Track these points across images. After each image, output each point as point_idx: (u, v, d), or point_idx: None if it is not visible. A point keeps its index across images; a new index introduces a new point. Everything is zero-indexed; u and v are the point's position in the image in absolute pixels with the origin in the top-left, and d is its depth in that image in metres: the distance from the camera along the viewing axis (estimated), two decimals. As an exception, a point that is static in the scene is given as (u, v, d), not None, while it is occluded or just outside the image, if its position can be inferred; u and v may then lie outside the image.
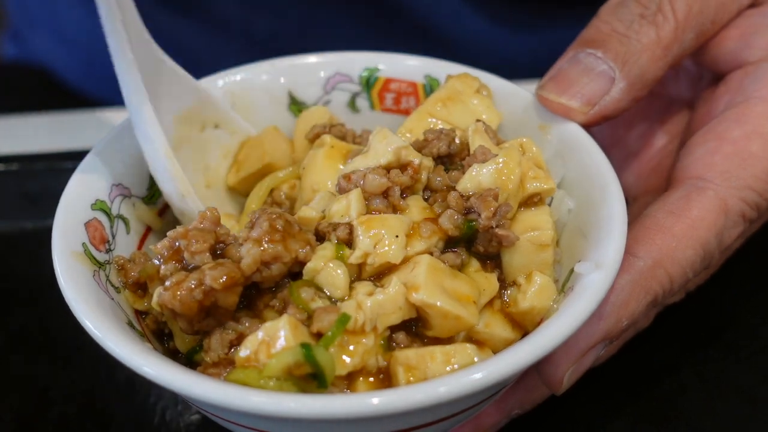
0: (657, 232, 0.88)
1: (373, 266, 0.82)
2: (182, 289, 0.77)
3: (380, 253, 0.81)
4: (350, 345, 0.78)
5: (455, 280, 0.82)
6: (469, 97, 0.97)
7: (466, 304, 0.81)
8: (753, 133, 0.94)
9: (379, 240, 0.81)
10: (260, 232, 0.79)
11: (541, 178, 0.88)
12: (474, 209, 0.83)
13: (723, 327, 1.07)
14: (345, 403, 0.70)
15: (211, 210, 0.84)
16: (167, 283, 0.79)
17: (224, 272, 0.77)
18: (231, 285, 0.78)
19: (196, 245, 0.80)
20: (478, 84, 0.98)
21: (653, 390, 1.00)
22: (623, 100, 0.93)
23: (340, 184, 0.87)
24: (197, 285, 0.77)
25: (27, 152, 1.29)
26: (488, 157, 0.86)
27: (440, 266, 0.82)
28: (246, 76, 1.04)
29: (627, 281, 0.86)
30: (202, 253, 0.80)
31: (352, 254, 0.82)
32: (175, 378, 0.73)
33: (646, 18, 0.94)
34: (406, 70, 1.04)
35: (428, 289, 0.79)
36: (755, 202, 0.93)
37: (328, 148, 0.93)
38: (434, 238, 0.83)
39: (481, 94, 0.98)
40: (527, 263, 0.86)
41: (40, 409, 0.99)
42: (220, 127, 1.01)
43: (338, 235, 0.83)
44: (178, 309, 0.77)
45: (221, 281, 0.77)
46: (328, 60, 1.05)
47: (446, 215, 0.84)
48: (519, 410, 0.91)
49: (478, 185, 0.85)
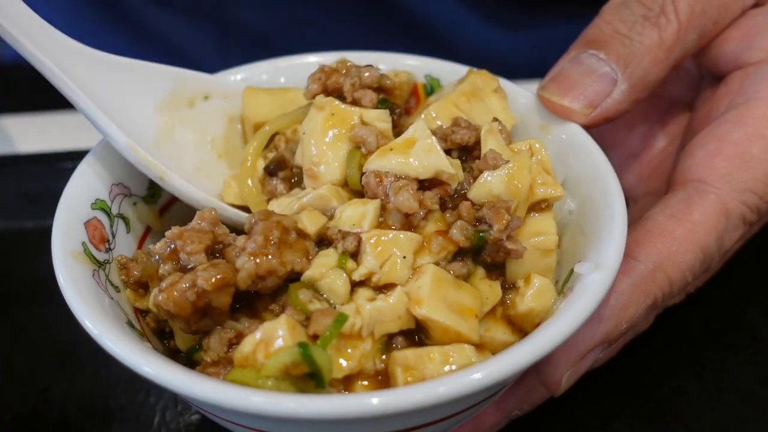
0: (658, 235, 0.88)
1: (378, 284, 0.81)
2: (176, 290, 0.78)
3: (385, 272, 0.81)
4: (348, 348, 0.78)
5: (459, 292, 0.82)
6: (488, 96, 0.97)
7: (468, 318, 0.80)
8: (754, 135, 0.94)
9: (386, 260, 0.81)
10: (255, 247, 0.79)
11: (549, 184, 0.87)
12: (485, 220, 0.82)
13: (722, 327, 1.07)
14: (345, 403, 0.70)
15: (209, 211, 0.84)
16: (162, 285, 0.79)
17: (215, 273, 0.77)
18: (222, 286, 0.78)
19: (192, 246, 0.80)
20: (497, 84, 0.98)
21: (652, 391, 1.00)
22: (624, 102, 0.93)
23: (368, 182, 0.84)
24: (190, 286, 0.77)
25: (27, 152, 1.29)
26: (499, 162, 0.85)
27: (445, 276, 0.81)
28: (246, 76, 1.04)
29: (627, 284, 0.86)
30: (198, 254, 0.80)
31: (356, 270, 0.81)
32: (174, 377, 0.73)
33: (649, 19, 0.94)
34: (407, 69, 1.04)
35: (431, 303, 0.79)
36: (756, 205, 0.93)
37: (328, 115, 0.90)
38: (443, 253, 0.83)
39: (499, 95, 0.98)
40: (531, 268, 0.86)
41: (40, 409, 0.99)
42: (211, 97, 1.01)
43: (346, 247, 0.82)
44: (172, 310, 0.78)
45: (212, 282, 0.77)
46: (328, 59, 1.05)
47: (457, 227, 0.82)
48: (519, 411, 0.91)
49: (489, 192, 0.83)
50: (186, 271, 0.80)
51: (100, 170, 0.92)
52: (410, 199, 0.81)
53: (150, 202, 0.97)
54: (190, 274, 0.78)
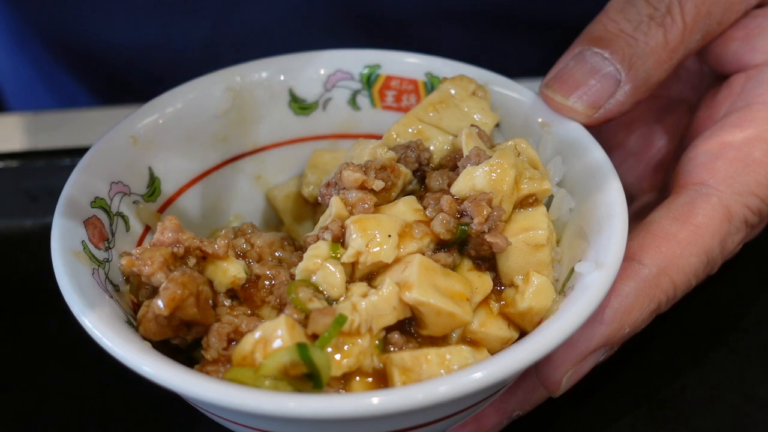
0: (662, 239, 0.88)
1: (366, 265, 0.82)
2: (148, 321, 0.79)
3: (373, 252, 0.81)
4: (345, 346, 0.78)
5: (448, 279, 0.82)
6: (463, 101, 0.96)
7: (460, 301, 0.81)
8: (756, 138, 0.93)
9: (371, 239, 0.81)
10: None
11: (536, 179, 0.87)
12: (467, 213, 0.83)
13: (723, 327, 1.07)
14: (345, 403, 0.70)
15: (169, 218, 0.84)
16: (138, 316, 0.81)
17: (166, 295, 0.78)
18: (179, 304, 0.78)
19: (149, 268, 0.80)
20: (474, 86, 0.98)
21: (653, 390, 1.00)
22: (627, 103, 0.93)
23: (321, 194, 0.88)
24: (153, 316, 0.79)
25: (26, 149, 1.29)
26: (482, 158, 0.86)
27: (432, 265, 0.82)
28: (246, 74, 1.04)
29: (632, 288, 0.86)
30: (155, 274, 0.80)
31: (345, 253, 0.82)
32: (173, 377, 0.73)
33: (655, 20, 0.93)
34: (407, 67, 1.04)
35: (421, 287, 0.79)
36: (758, 208, 0.93)
37: None
38: (426, 240, 0.83)
39: (477, 96, 0.97)
40: (523, 264, 0.86)
41: (40, 409, 0.99)
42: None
43: (332, 231, 0.83)
44: (157, 339, 0.79)
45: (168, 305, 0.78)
46: (328, 57, 1.05)
47: (438, 219, 0.83)
48: (520, 411, 0.91)
49: (473, 187, 0.84)
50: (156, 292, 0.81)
51: (99, 168, 0.92)
52: (351, 173, 0.85)
53: (149, 200, 0.97)
54: (154, 299, 0.79)
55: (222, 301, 0.84)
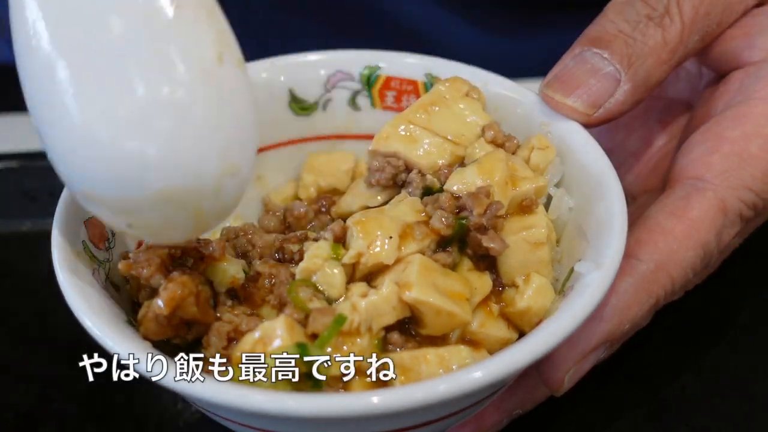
0: (659, 234, 0.88)
1: (366, 266, 0.82)
2: (148, 321, 0.79)
3: (373, 253, 0.81)
4: (345, 345, 0.78)
5: (447, 279, 0.82)
6: (455, 102, 0.96)
7: (459, 301, 0.81)
8: (752, 133, 0.94)
9: (372, 241, 0.82)
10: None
11: (530, 178, 0.88)
12: (466, 207, 0.84)
13: (723, 326, 1.07)
14: (345, 402, 0.70)
15: None
16: (138, 316, 0.81)
17: (166, 295, 0.78)
18: (179, 304, 0.78)
19: (146, 270, 0.81)
20: (468, 87, 0.98)
21: (653, 390, 1.00)
22: (627, 102, 0.93)
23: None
24: (154, 315, 0.78)
25: (27, 150, 1.29)
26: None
27: (432, 265, 0.82)
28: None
29: (630, 284, 0.86)
30: (154, 276, 0.80)
31: (346, 254, 0.82)
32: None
33: (653, 20, 0.94)
34: (407, 68, 1.04)
35: (420, 287, 0.79)
36: (753, 202, 0.93)
37: None
38: (427, 240, 0.83)
39: (471, 98, 0.97)
40: (523, 262, 0.86)
41: (40, 409, 0.99)
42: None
43: (333, 231, 0.83)
44: (157, 339, 0.79)
45: (169, 304, 0.78)
46: (328, 58, 1.05)
47: (437, 215, 0.84)
48: (520, 410, 0.91)
49: (464, 180, 0.86)
50: (156, 293, 0.81)
51: (99, 168, 0.91)
52: None
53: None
54: (154, 299, 0.79)
55: (224, 301, 0.84)
